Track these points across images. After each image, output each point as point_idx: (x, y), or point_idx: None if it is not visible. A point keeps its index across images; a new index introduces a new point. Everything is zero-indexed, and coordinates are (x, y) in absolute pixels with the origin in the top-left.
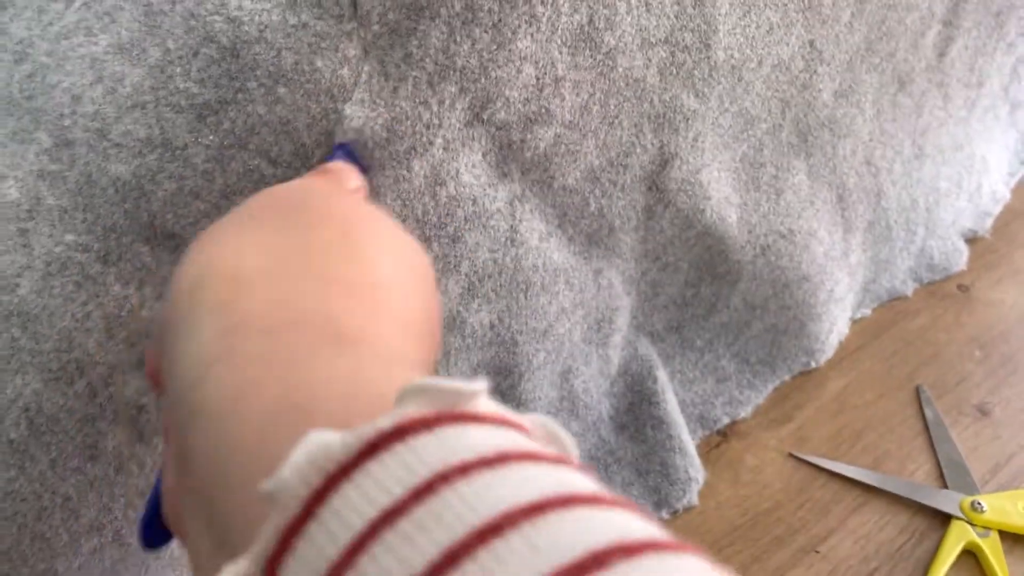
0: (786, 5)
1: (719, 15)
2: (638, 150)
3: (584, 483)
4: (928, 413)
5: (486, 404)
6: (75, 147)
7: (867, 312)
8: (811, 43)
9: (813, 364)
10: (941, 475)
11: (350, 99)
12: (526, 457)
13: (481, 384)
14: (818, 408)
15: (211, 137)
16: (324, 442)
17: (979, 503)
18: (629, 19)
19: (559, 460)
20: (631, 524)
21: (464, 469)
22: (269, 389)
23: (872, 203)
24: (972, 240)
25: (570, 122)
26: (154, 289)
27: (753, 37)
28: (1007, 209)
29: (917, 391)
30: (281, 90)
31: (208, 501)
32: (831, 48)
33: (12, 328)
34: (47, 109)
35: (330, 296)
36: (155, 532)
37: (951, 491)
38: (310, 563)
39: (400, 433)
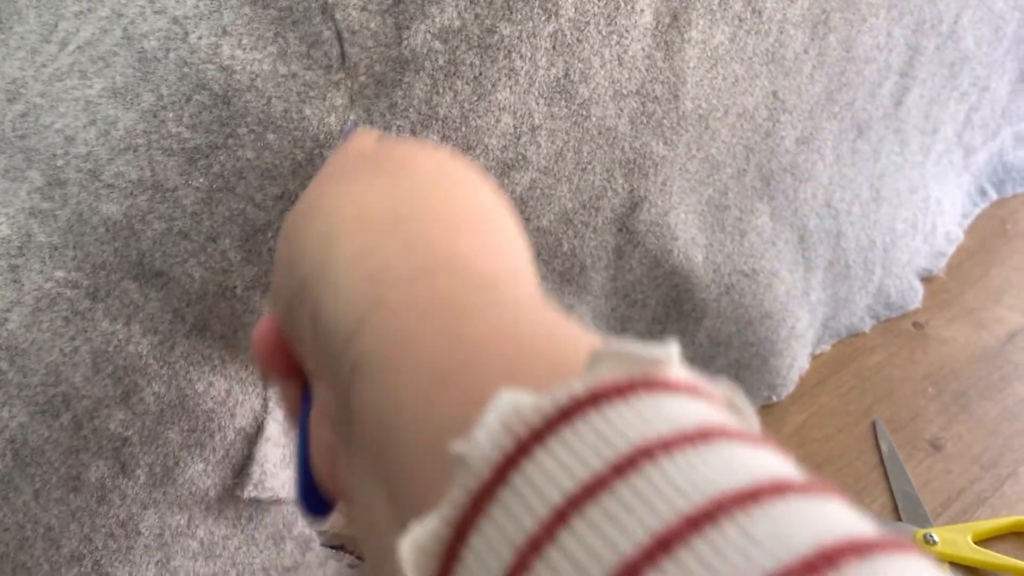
0: (751, 59)
1: (688, 68)
2: (609, 194)
3: (789, 468)
4: (883, 447)
5: (678, 370)
6: (67, 186)
7: (826, 348)
8: (774, 93)
9: (774, 398)
10: (895, 508)
11: (335, 146)
12: (727, 435)
13: (674, 348)
14: (778, 442)
15: (201, 180)
16: (517, 404)
17: (931, 535)
18: (603, 72)
19: (757, 439)
20: (853, 520)
21: (666, 445)
22: (430, 342)
23: (832, 243)
24: (927, 279)
25: (545, 168)
26: (141, 326)
27: (719, 88)
28: (961, 249)
29: (873, 426)
30: (270, 136)
31: (379, 455)
32: (793, 98)
33: (0, 362)
34: (40, 148)
35: (459, 237)
36: (317, 499)
37: (905, 524)
38: (505, 531)
39: (594, 399)
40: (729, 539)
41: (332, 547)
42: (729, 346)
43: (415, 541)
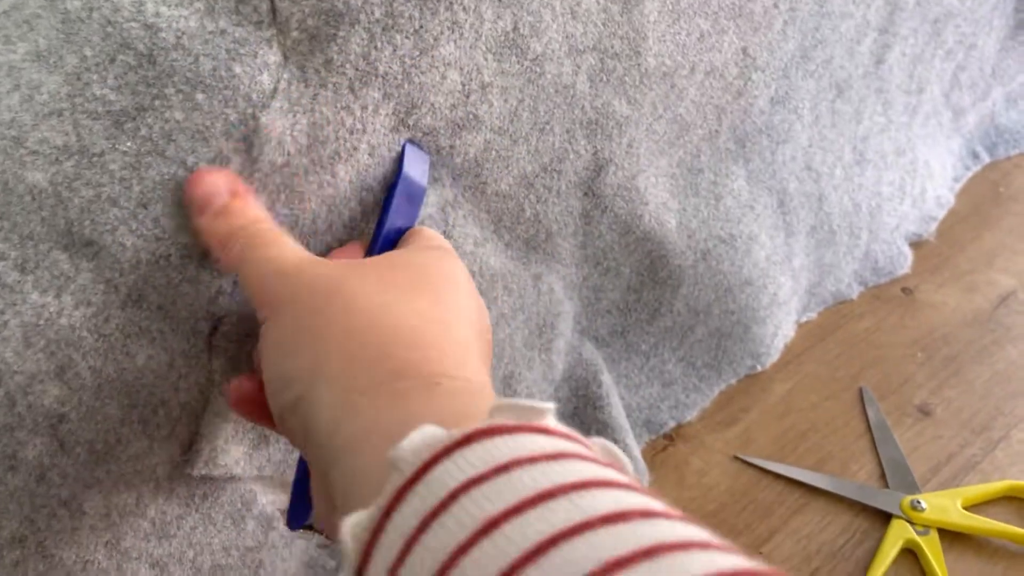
0: (716, 13)
1: (648, 23)
2: (571, 156)
3: (615, 490)
4: (871, 414)
5: (554, 422)
6: None
7: (812, 316)
8: (744, 50)
9: (759, 367)
10: (883, 475)
11: (269, 106)
12: (579, 457)
13: (550, 404)
14: (763, 411)
15: (128, 144)
16: (434, 433)
17: (918, 502)
18: (555, 26)
19: (608, 464)
20: (680, 530)
21: (532, 459)
22: (385, 428)
23: (814, 207)
24: (917, 244)
25: (500, 128)
26: (73, 297)
27: (684, 44)
28: (952, 213)
29: (860, 392)
30: (199, 96)
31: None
32: (765, 55)
33: None
34: None
35: (411, 350)
36: (297, 518)
37: (892, 491)
38: (416, 509)
39: (489, 433)
40: (560, 504)
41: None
42: (708, 314)
43: (355, 520)
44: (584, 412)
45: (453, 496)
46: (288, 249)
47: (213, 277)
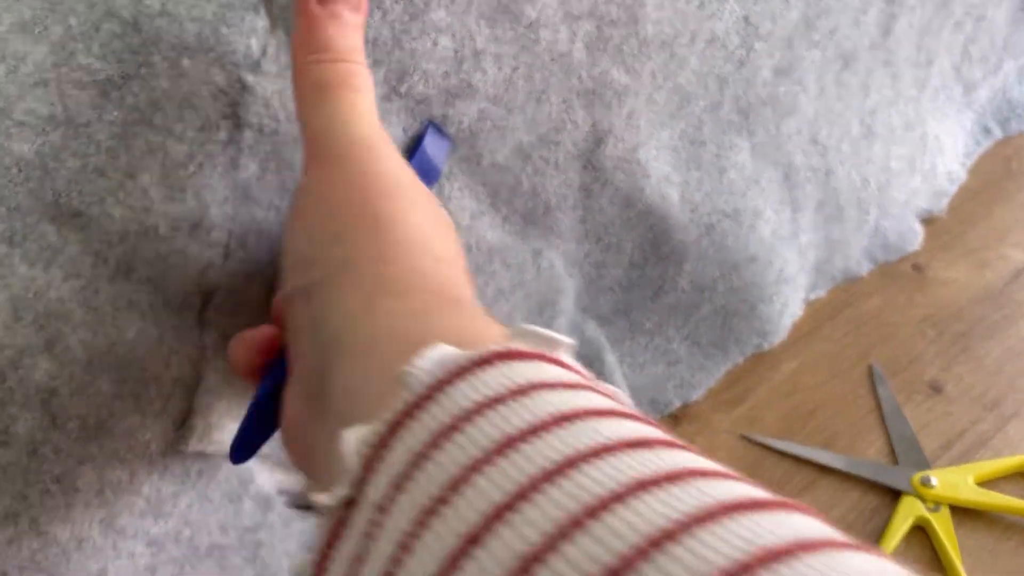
0: None
1: None
2: (569, 127)
3: (646, 428)
4: (880, 392)
5: (571, 359)
6: None
7: (821, 293)
8: (745, 18)
9: (766, 346)
10: (893, 452)
11: (258, 70)
12: (596, 391)
13: (570, 340)
14: (770, 389)
15: (115, 113)
16: (450, 351)
17: (929, 478)
18: None
19: (618, 402)
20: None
21: (552, 385)
22: (403, 336)
23: (821, 182)
24: (927, 220)
25: (494, 96)
26: (62, 270)
27: (683, 12)
28: (963, 189)
29: (870, 370)
30: (185, 63)
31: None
32: (767, 24)
33: None
34: None
35: (440, 269)
36: (243, 452)
37: (902, 468)
38: (428, 426)
39: (506, 356)
40: (575, 435)
41: (299, 507)
42: (714, 291)
43: (358, 432)
44: None
45: (467, 416)
46: (375, 115)
47: (203, 249)
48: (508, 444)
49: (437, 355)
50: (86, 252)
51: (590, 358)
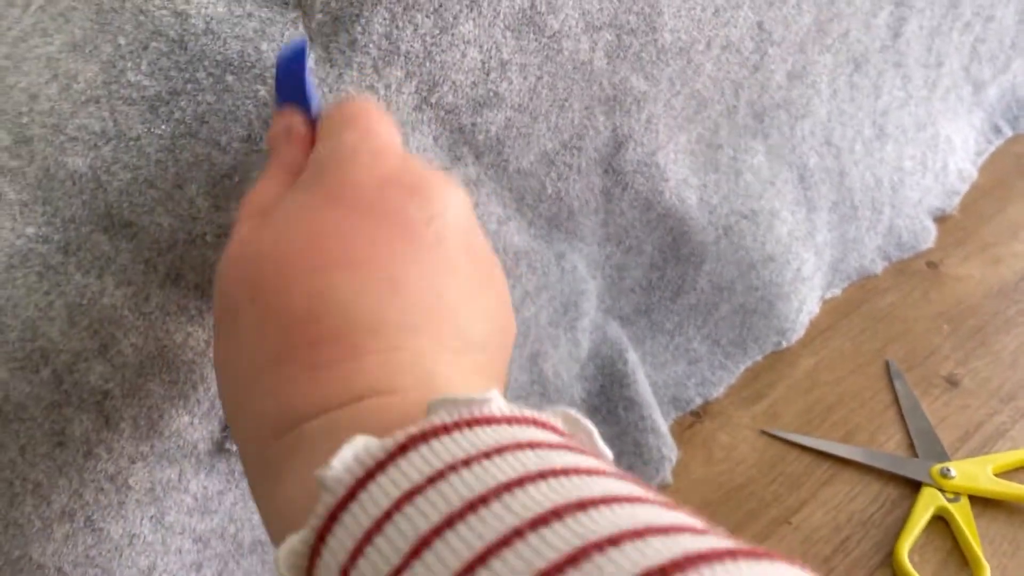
0: None
1: None
2: (591, 132)
3: (569, 458)
4: (898, 386)
5: (499, 407)
6: (33, 143)
7: (837, 292)
8: (759, 24)
9: (784, 343)
10: (911, 445)
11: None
12: (521, 447)
13: (491, 393)
14: (789, 386)
15: (163, 127)
16: (367, 443)
17: (948, 469)
18: (572, 3)
19: (563, 446)
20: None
21: (467, 461)
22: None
23: (835, 183)
24: (940, 218)
25: (520, 105)
26: (114, 278)
27: (699, 19)
28: (975, 187)
29: (887, 366)
30: (229, 78)
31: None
32: (780, 29)
33: None
34: (6, 109)
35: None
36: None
37: (921, 459)
38: (351, 531)
39: (424, 436)
40: (494, 511)
41: None
42: (732, 291)
43: (289, 546)
44: (611, 390)
45: (388, 515)
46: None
47: None
48: (423, 544)
49: (356, 448)
50: (137, 260)
51: (613, 357)
